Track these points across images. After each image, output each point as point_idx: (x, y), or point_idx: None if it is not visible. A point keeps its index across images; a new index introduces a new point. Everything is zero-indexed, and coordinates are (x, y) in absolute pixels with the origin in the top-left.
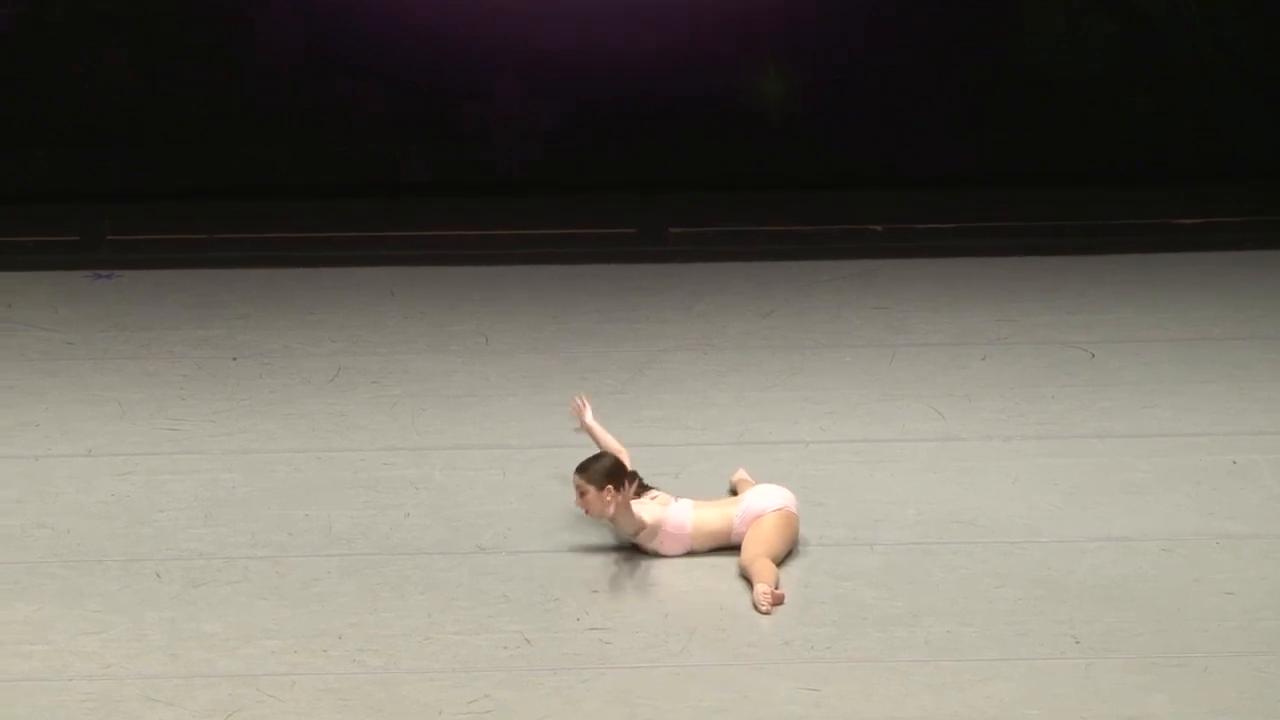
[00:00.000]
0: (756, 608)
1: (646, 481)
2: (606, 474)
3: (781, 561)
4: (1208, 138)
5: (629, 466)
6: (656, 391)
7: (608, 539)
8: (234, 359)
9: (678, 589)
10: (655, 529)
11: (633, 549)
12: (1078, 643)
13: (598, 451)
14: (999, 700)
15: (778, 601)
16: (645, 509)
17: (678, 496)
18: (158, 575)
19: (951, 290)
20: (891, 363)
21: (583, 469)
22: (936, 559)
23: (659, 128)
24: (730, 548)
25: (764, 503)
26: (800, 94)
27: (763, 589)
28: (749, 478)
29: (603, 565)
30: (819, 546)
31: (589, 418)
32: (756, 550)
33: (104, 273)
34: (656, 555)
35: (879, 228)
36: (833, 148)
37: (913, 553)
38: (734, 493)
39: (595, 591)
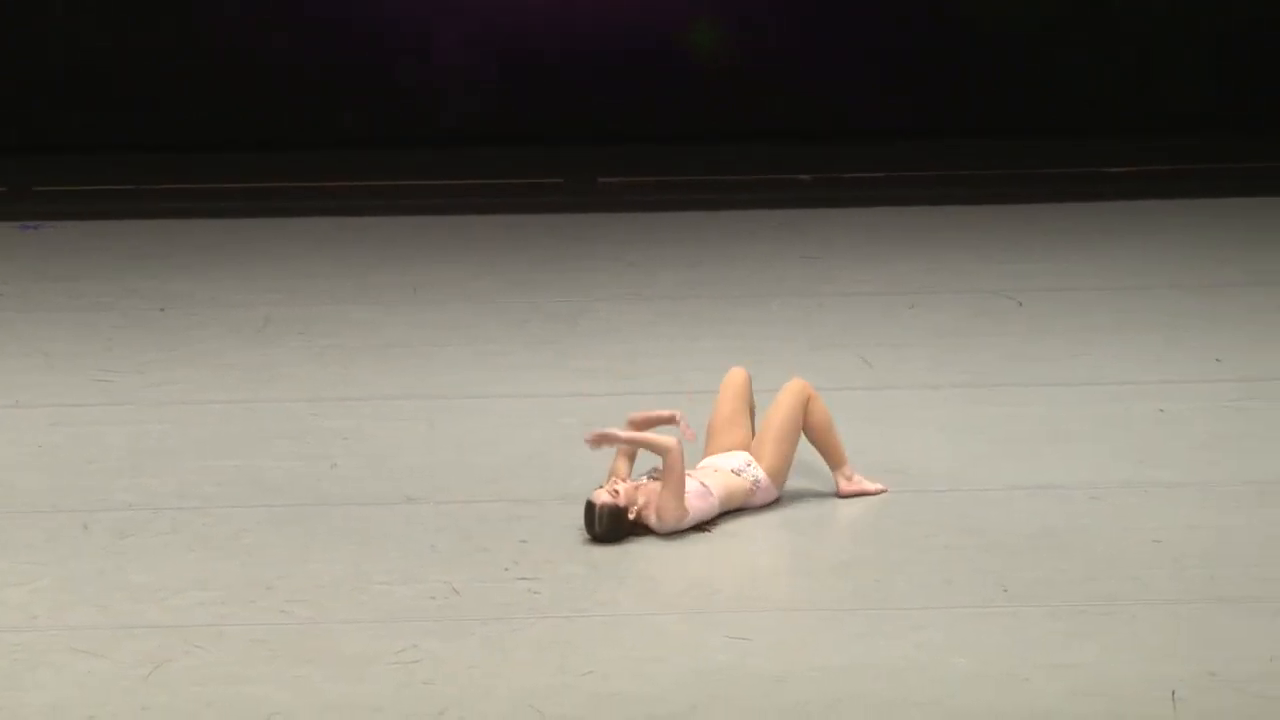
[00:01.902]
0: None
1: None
2: (615, 523)
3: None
4: (1142, 89)
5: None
6: (589, 341)
7: (536, 490)
8: (162, 310)
9: None
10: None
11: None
12: (1006, 591)
13: (589, 511)
14: (928, 648)
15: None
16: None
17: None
18: (85, 526)
19: (880, 239)
20: (820, 312)
21: (602, 540)
22: (866, 508)
23: (589, 79)
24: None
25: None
26: (730, 46)
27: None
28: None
29: (531, 516)
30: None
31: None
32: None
33: (31, 224)
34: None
35: (808, 178)
36: (762, 99)
37: (842, 501)
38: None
39: (524, 541)
